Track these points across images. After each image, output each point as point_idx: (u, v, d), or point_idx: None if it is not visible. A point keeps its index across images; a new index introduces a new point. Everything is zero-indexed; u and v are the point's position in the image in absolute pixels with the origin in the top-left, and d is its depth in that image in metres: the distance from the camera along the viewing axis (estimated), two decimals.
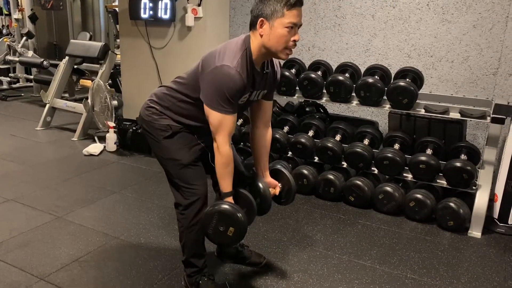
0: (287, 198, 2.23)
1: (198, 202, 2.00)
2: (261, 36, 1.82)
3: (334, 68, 3.55)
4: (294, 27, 1.81)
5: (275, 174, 2.23)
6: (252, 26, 1.86)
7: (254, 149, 2.20)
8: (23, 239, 2.63)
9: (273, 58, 1.98)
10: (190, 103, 1.97)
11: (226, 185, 1.94)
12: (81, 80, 6.08)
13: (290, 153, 3.50)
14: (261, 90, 2.00)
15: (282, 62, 2.46)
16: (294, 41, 1.83)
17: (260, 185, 2.09)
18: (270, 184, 2.17)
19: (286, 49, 1.84)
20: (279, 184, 2.19)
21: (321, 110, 3.93)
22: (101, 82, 4.42)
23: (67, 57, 5.13)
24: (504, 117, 2.85)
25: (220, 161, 1.90)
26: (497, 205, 2.96)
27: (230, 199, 1.94)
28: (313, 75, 3.34)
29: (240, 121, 3.77)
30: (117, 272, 2.34)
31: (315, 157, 3.43)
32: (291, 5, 1.76)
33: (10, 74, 6.99)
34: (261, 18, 1.80)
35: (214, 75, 1.80)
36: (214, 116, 1.85)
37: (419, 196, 2.99)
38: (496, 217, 2.95)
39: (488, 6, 3.29)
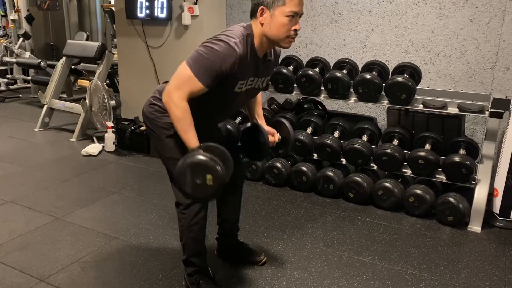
0: (285, 147, 2.25)
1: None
2: (262, 24, 1.81)
3: (331, 64, 3.54)
4: (295, 16, 1.79)
5: (275, 125, 2.25)
6: (253, 14, 1.84)
7: (247, 105, 2.22)
8: (23, 241, 2.62)
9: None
10: (194, 98, 1.93)
11: (190, 138, 1.79)
12: (79, 80, 6.07)
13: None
14: (264, 77, 1.99)
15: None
16: (295, 30, 1.81)
17: (261, 130, 2.12)
18: (269, 132, 2.17)
19: (287, 38, 1.82)
20: (278, 134, 2.22)
21: (320, 107, 3.92)
22: (99, 82, 4.41)
23: (64, 58, 5.12)
24: (503, 111, 2.85)
25: (177, 114, 1.77)
26: (498, 200, 2.95)
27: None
28: (310, 72, 3.34)
29: (239, 119, 3.76)
30: (117, 272, 2.34)
31: (314, 154, 3.42)
32: None
33: (7, 76, 6.97)
34: (262, 6, 1.78)
35: (210, 44, 1.76)
36: (185, 72, 1.76)
37: (418, 191, 2.99)
38: (497, 212, 2.95)
39: (485, 0, 3.29)
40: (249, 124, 2.28)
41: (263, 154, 2.25)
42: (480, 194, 2.87)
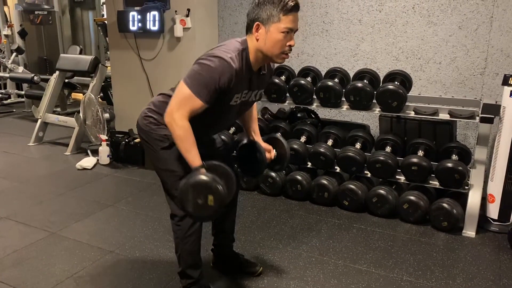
0: (281, 164, 2.26)
1: None
2: (257, 40, 1.83)
3: (323, 73, 3.57)
4: (290, 32, 1.82)
5: (270, 141, 2.26)
6: (248, 29, 1.86)
7: (243, 119, 2.24)
8: (17, 257, 2.61)
9: None
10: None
11: (192, 158, 1.80)
12: (72, 93, 6.07)
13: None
14: (257, 90, 2.01)
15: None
16: (290, 46, 1.84)
17: (257, 147, 2.13)
18: (265, 149, 2.18)
19: (282, 53, 1.85)
20: (274, 150, 2.23)
21: (313, 115, 3.95)
22: (92, 96, 4.42)
23: (57, 72, 5.13)
24: (493, 116, 2.88)
25: (179, 134, 1.78)
26: (495, 205, 2.95)
27: (202, 171, 1.79)
28: (302, 82, 3.36)
29: (232, 129, 3.77)
30: (112, 287, 2.33)
31: (308, 163, 3.44)
32: (287, 10, 1.77)
33: (1, 90, 6.98)
34: (257, 22, 1.81)
35: (207, 61, 1.78)
36: (184, 91, 1.78)
37: (412, 198, 3.01)
38: (496, 217, 2.96)
39: (472, 8, 3.34)
40: (245, 141, 2.28)
41: (260, 171, 2.25)
42: (474, 199, 2.89)
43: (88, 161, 4.23)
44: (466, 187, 2.96)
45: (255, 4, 1.81)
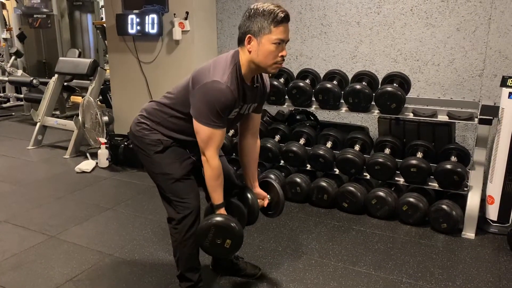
0: (275, 211, 2.23)
1: (191, 215, 2.00)
2: (250, 52, 1.84)
3: (322, 75, 3.58)
4: (282, 43, 1.83)
5: (265, 185, 2.24)
6: (240, 42, 1.88)
7: (242, 160, 2.21)
8: (16, 261, 2.61)
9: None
10: (182, 118, 1.98)
11: (217, 197, 1.95)
12: (72, 96, 6.08)
13: (282, 161, 3.51)
14: (251, 103, 2.02)
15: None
16: (282, 56, 1.85)
17: (249, 195, 2.10)
18: (259, 196, 2.18)
19: (274, 64, 1.86)
20: (268, 196, 2.20)
21: (312, 117, 3.95)
22: (91, 99, 4.42)
23: (56, 75, 5.13)
24: (491, 118, 2.89)
25: (211, 174, 1.91)
26: (494, 207, 2.95)
27: (222, 211, 1.95)
28: (301, 84, 3.37)
29: (232, 132, 3.78)
30: None
31: (307, 165, 3.44)
32: (278, 22, 1.78)
33: (0, 94, 6.97)
34: (249, 35, 1.82)
35: (204, 90, 1.81)
36: (203, 131, 1.86)
37: (411, 199, 3.01)
38: (495, 219, 2.96)
39: (470, 9, 3.35)
40: (239, 186, 2.22)
41: (252, 219, 2.13)
42: (473, 200, 2.89)
43: (87, 164, 4.23)
44: (465, 189, 2.96)
45: (246, 17, 1.83)
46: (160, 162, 2.01)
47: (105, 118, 4.43)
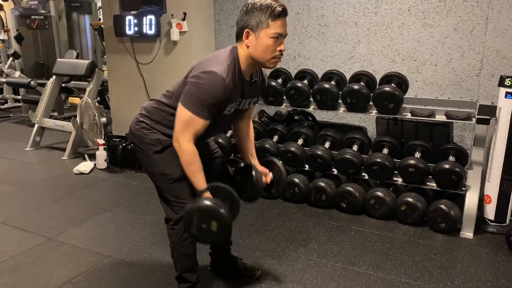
0: (278, 188, 2.25)
1: None
2: (248, 47, 1.84)
3: (320, 76, 3.58)
4: (280, 37, 1.83)
5: (267, 164, 2.25)
6: (238, 37, 1.88)
7: (239, 141, 2.24)
8: (15, 263, 2.60)
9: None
10: None
11: (198, 182, 1.89)
12: (69, 98, 6.07)
13: (280, 162, 3.50)
14: (251, 98, 2.02)
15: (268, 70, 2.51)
16: (280, 50, 1.85)
17: (253, 172, 2.11)
18: (262, 172, 2.17)
19: (273, 58, 1.86)
20: (271, 173, 2.21)
21: (310, 118, 3.95)
22: (89, 100, 4.42)
23: (54, 76, 5.12)
24: (489, 117, 2.89)
25: (186, 159, 1.86)
26: (492, 206, 2.96)
27: (207, 195, 1.89)
28: (299, 84, 3.37)
29: (229, 132, 3.77)
30: None
31: (305, 165, 3.44)
32: (275, 16, 1.79)
33: None
34: (247, 29, 1.82)
35: (199, 79, 1.80)
36: (185, 114, 1.82)
37: (410, 199, 3.01)
38: (492, 218, 2.97)
39: (467, 9, 3.35)
40: (242, 164, 2.27)
41: (256, 195, 2.17)
42: (471, 200, 2.89)
43: (85, 166, 4.23)
44: (464, 189, 2.97)
45: (243, 12, 1.83)
46: (159, 162, 2.00)
47: (103, 119, 4.42)
